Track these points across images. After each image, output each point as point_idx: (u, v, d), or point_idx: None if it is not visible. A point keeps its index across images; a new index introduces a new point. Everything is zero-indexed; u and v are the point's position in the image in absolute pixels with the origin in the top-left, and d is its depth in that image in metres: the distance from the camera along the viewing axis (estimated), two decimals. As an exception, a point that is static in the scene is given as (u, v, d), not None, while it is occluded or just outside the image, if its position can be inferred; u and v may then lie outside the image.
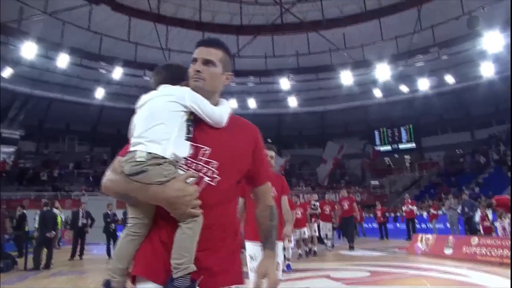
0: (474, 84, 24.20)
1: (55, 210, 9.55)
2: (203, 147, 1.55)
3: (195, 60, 1.63)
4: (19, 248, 11.38)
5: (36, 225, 9.76)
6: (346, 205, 12.80)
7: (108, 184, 1.54)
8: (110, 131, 31.31)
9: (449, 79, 23.02)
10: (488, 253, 7.57)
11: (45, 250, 9.53)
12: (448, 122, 30.90)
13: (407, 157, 33.16)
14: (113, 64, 20.46)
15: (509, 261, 7.05)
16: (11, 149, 26.98)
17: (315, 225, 12.14)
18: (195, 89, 1.58)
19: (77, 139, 31.18)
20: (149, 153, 1.42)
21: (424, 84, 23.16)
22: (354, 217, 13.14)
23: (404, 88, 24.42)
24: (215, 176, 1.54)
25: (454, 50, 20.34)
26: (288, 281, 6.46)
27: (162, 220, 1.52)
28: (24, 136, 27.70)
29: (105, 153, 31.24)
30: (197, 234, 1.45)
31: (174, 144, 1.46)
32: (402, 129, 32.72)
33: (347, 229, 13.34)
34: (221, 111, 1.62)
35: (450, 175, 26.67)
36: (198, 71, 1.60)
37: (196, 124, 1.58)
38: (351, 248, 12.14)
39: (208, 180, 1.53)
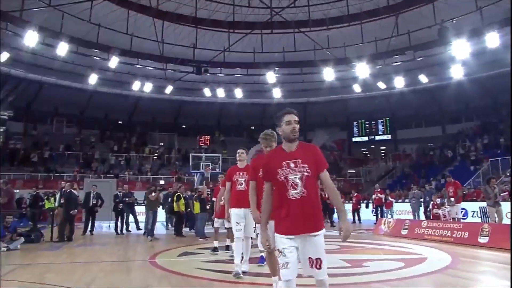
0: (446, 84, 25.65)
1: (74, 191, 10.90)
2: None
3: None
4: (34, 224, 12.68)
5: (57, 204, 11.01)
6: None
7: None
8: (98, 115, 32.24)
9: (423, 78, 24.72)
10: (432, 233, 9.53)
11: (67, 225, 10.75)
12: (422, 116, 32.50)
13: (382, 148, 35.10)
14: (109, 52, 21.38)
15: (448, 239, 8.97)
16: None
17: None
18: None
19: (65, 121, 31.89)
20: None
21: (400, 82, 24.38)
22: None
23: (381, 85, 25.71)
24: None
25: (427, 53, 21.96)
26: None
27: None
28: (12, 117, 28.30)
29: (93, 135, 32.29)
30: None
31: None
32: (379, 121, 34.59)
33: None
34: None
35: (421, 166, 28.17)
36: None
37: None
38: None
39: None
